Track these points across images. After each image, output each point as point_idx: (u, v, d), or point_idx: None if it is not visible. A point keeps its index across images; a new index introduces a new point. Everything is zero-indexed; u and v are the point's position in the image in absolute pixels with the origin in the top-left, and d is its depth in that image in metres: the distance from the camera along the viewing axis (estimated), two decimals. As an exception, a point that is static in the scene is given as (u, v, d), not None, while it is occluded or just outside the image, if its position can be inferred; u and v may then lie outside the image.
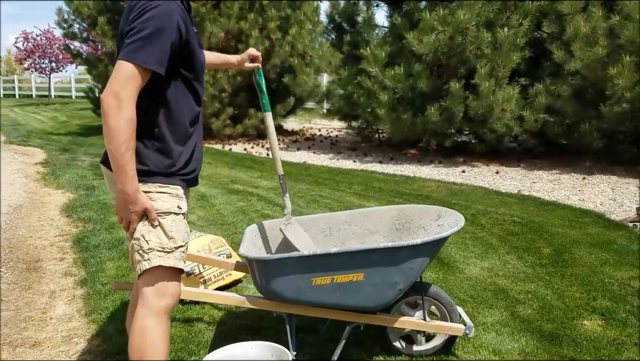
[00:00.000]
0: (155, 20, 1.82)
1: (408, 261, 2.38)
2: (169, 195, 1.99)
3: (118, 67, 1.81)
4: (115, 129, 1.78)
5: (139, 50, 1.80)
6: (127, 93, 1.79)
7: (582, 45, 7.65)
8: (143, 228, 1.94)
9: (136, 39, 1.81)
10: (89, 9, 11.79)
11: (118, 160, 1.81)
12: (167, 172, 1.99)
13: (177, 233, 1.99)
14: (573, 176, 7.69)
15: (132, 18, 1.85)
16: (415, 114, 8.77)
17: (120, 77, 1.79)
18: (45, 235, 4.87)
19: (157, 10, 1.84)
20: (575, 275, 3.85)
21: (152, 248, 1.95)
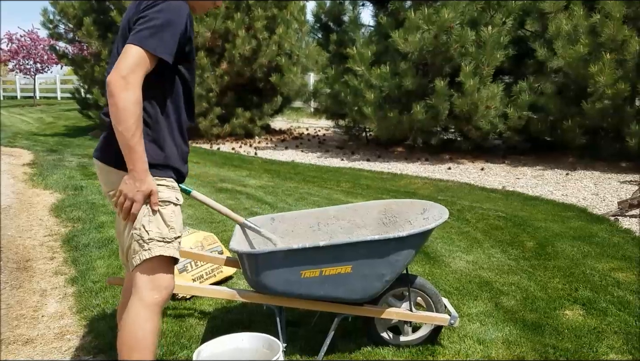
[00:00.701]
0: (167, 13, 1.88)
1: (394, 253, 2.46)
2: (166, 187, 2.02)
3: (127, 51, 1.84)
4: (125, 110, 1.81)
5: (150, 37, 1.85)
6: (135, 76, 1.83)
7: (564, 43, 7.79)
8: (143, 219, 1.97)
9: (148, 27, 1.85)
10: (75, 9, 11.74)
11: (129, 141, 1.84)
12: (162, 164, 2.02)
13: (177, 223, 2.03)
14: (556, 172, 7.83)
15: (143, 8, 1.90)
16: (402, 112, 8.86)
17: (129, 60, 1.82)
18: (34, 235, 4.88)
19: (169, 3, 1.90)
20: (557, 267, 3.95)
21: (153, 238, 1.97)
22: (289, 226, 2.96)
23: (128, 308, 2.01)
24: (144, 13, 1.89)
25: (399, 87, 8.81)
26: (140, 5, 1.93)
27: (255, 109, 11.87)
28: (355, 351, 2.74)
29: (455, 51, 8.45)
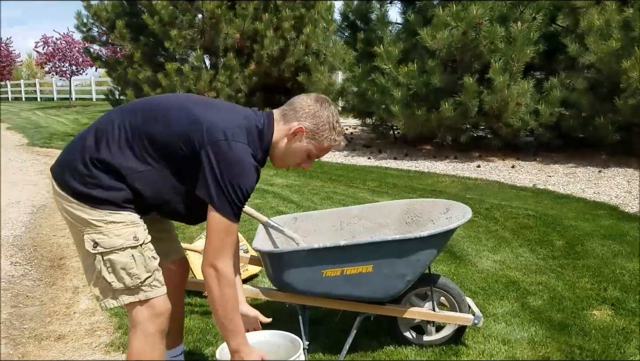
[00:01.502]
0: (244, 177, 1.85)
1: (416, 253, 2.46)
2: (122, 225, 1.87)
3: (213, 224, 1.85)
4: (221, 303, 1.87)
5: (228, 204, 1.83)
6: (223, 260, 1.86)
7: (596, 38, 7.62)
8: (103, 270, 1.86)
9: (226, 191, 1.82)
10: (107, 12, 12.00)
11: (228, 325, 1.89)
12: (116, 203, 1.87)
13: (139, 267, 1.89)
14: (589, 169, 7.67)
15: (216, 154, 1.82)
16: (430, 110, 8.80)
17: (215, 242, 1.86)
18: (68, 234, 5.01)
19: (244, 165, 1.86)
20: (586, 267, 3.88)
21: (117, 289, 1.88)
22: (312, 225, 2.98)
23: (130, 339, 1.97)
24: (219, 162, 1.82)
25: (426, 84, 8.75)
26: (215, 140, 1.83)
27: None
28: (378, 350, 2.75)
29: (485, 47, 8.35)
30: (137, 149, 1.86)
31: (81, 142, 1.90)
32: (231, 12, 11.14)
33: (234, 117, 1.94)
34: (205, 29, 11.22)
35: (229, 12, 11.09)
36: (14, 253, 4.47)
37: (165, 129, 1.87)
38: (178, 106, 1.96)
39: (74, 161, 1.87)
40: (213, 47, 11.39)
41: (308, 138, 2.00)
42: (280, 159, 2.06)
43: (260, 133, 1.97)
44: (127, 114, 1.93)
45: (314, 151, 2.05)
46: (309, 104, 2.00)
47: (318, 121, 1.99)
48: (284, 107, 2.04)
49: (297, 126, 1.98)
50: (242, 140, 1.87)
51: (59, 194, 1.90)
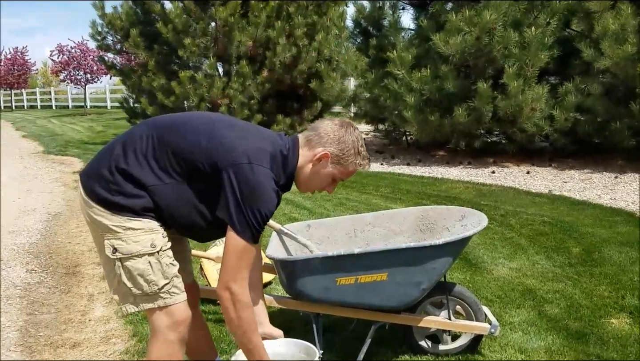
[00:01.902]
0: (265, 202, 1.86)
1: (431, 261, 2.44)
2: (141, 231, 1.89)
3: (230, 246, 1.86)
4: (238, 325, 1.89)
5: (247, 228, 1.84)
6: (239, 283, 1.87)
7: (611, 43, 7.55)
8: (122, 274, 1.90)
9: (246, 215, 1.84)
10: (122, 21, 12.11)
11: (247, 345, 1.93)
12: (136, 212, 1.90)
13: (156, 274, 1.91)
14: (605, 175, 7.58)
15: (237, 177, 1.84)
16: (443, 115, 8.76)
17: (231, 263, 1.87)
18: (83, 241, 5.06)
19: (265, 191, 1.87)
20: (604, 274, 3.83)
21: (137, 295, 1.92)
22: (326, 232, 2.97)
23: (150, 348, 2.00)
24: (241, 184, 1.83)
25: (440, 90, 8.72)
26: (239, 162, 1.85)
27: (295, 115, 11.94)
28: (393, 359, 2.73)
29: (498, 53, 8.31)
30: (161, 162, 1.89)
31: (109, 152, 1.95)
32: (244, 20, 11.19)
33: (259, 141, 1.95)
34: (218, 37, 11.28)
35: (242, 20, 11.14)
36: (29, 261, 4.51)
37: (191, 146, 1.90)
38: (206, 124, 1.98)
39: (101, 169, 1.92)
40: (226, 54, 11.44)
41: (333, 163, 2.02)
42: (304, 184, 2.08)
43: (285, 158, 1.98)
44: (155, 128, 1.97)
45: (339, 175, 2.07)
46: (334, 129, 2.02)
47: (343, 147, 2.01)
48: (308, 132, 2.05)
49: (322, 152, 2.00)
50: (265, 164, 1.88)
51: (84, 200, 1.95)
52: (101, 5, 12.29)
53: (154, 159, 1.89)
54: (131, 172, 1.88)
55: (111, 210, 1.88)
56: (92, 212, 1.92)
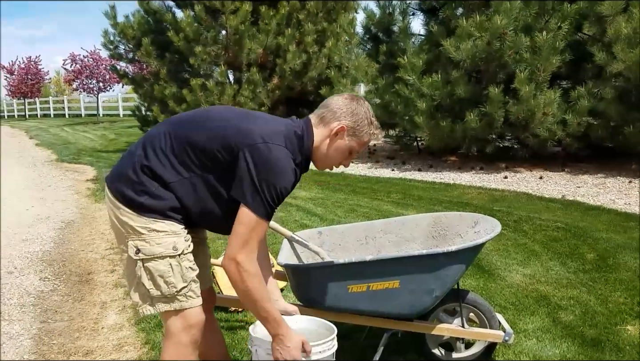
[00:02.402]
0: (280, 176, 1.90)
1: (444, 268, 2.41)
2: (164, 234, 1.94)
3: (240, 220, 1.88)
4: (246, 294, 1.91)
5: (261, 203, 1.87)
6: (246, 254, 1.88)
7: (623, 46, 7.49)
8: (143, 275, 1.94)
9: (259, 189, 1.87)
10: (134, 30, 12.23)
11: (260, 312, 1.94)
12: (160, 212, 1.94)
13: (175, 276, 1.95)
14: (619, 180, 7.51)
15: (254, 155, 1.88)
16: (455, 121, 8.73)
17: (239, 239, 1.88)
18: (96, 249, 5.08)
19: (284, 166, 1.91)
20: (619, 280, 3.78)
21: (154, 296, 1.95)
22: (337, 239, 2.96)
23: (163, 351, 2.04)
24: (257, 162, 1.87)
25: (451, 95, 8.70)
26: (256, 143, 1.89)
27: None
28: (406, 367, 2.71)
29: (510, 57, 8.28)
30: (181, 157, 1.94)
31: (131, 154, 2.01)
32: (254, 28, 11.26)
33: (272, 124, 2.01)
34: (229, 45, 11.35)
35: (252, 28, 11.21)
36: (43, 269, 4.54)
37: (206, 136, 1.95)
38: (219, 115, 2.05)
39: (125, 170, 1.97)
40: (237, 62, 11.51)
41: (349, 136, 2.07)
42: (322, 161, 2.12)
43: (300, 139, 2.02)
44: (172, 125, 2.04)
45: (356, 147, 2.11)
46: (345, 103, 2.07)
47: (357, 118, 2.06)
48: (319, 110, 2.10)
49: (338, 125, 2.04)
50: (281, 143, 1.93)
51: (111, 201, 2.00)
52: (113, 14, 12.42)
53: (173, 155, 1.95)
54: (154, 169, 1.93)
55: (137, 211, 1.93)
56: (119, 213, 1.96)
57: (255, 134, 1.91)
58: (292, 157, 1.95)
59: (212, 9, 11.11)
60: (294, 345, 1.94)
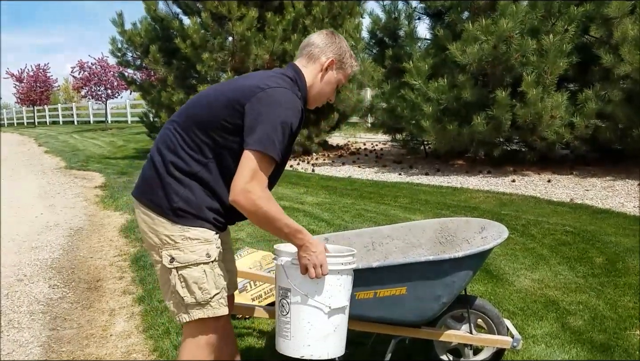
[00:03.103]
0: (285, 111, 1.96)
1: (451, 275, 2.41)
2: (197, 242, 2.00)
3: (245, 159, 1.91)
4: (263, 216, 1.94)
5: (265, 139, 1.91)
6: (255, 183, 1.91)
7: (631, 48, 7.46)
8: (177, 284, 2.01)
9: (263, 127, 1.92)
10: (141, 37, 12.31)
11: (283, 229, 1.98)
12: (195, 214, 2.00)
13: (209, 283, 2.02)
14: (628, 182, 7.46)
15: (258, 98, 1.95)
16: (461, 125, 8.71)
17: (245, 171, 1.91)
18: (105, 255, 5.11)
19: (287, 100, 1.98)
20: (628, 284, 3.75)
21: (189, 304, 2.01)
22: (344, 245, 2.96)
23: (181, 351, 2.09)
24: (260, 106, 1.93)
25: (457, 99, 8.68)
26: (257, 92, 1.95)
27: (312, 126, 11.99)
28: (414, 373, 2.70)
29: (516, 61, 8.26)
30: (194, 144, 2.00)
31: (151, 160, 2.07)
32: (260, 34, 11.30)
33: (264, 74, 2.09)
34: (235, 51, 11.40)
35: (259, 34, 11.25)
36: (52, 276, 4.57)
37: (209, 110, 2.01)
38: (212, 90, 2.11)
39: (150, 177, 2.04)
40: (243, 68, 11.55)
41: (337, 69, 2.18)
42: (314, 98, 2.21)
43: (294, 80, 2.10)
44: (175, 120, 2.09)
45: (342, 80, 2.23)
46: (328, 39, 2.18)
47: (340, 51, 2.18)
48: (304, 51, 2.18)
49: (327, 60, 2.15)
50: (280, 85, 2.00)
51: (143, 212, 2.05)
52: (120, 22, 12.51)
53: (187, 146, 2.00)
54: (177, 166, 1.99)
55: (171, 219, 1.98)
56: (152, 223, 2.02)
57: (252, 86, 1.98)
58: (294, 93, 2.02)
59: (218, 15, 11.16)
60: (320, 250, 2.01)
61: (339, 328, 2.13)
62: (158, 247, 2.02)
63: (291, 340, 2.09)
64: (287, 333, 2.10)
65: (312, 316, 2.07)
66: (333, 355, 2.13)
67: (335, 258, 2.10)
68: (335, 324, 2.11)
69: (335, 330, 2.11)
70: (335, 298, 2.09)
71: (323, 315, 2.08)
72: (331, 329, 2.10)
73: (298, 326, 2.07)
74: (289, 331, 2.09)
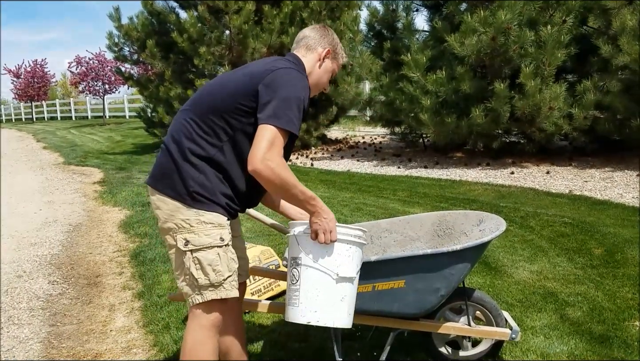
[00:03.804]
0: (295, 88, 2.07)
1: (449, 267, 2.41)
2: (211, 226, 2.08)
3: (261, 132, 1.98)
4: (281, 183, 1.98)
5: (281, 114, 2.00)
6: (272, 153, 1.97)
7: (629, 39, 7.44)
8: (192, 267, 2.08)
9: (277, 102, 2.01)
10: (138, 32, 12.25)
11: (299, 196, 2.04)
12: (209, 198, 2.09)
13: (223, 265, 2.11)
14: (627, 173, 7.46)
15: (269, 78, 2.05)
16: (460, 117, 8.70)
17: (263, 143, 1.97)
18: (104, 251, 5.11)
19: (296, 77, 2.10)
20: (627, 275, 3.76)
21: (202, 285, 2.09)
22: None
23: (187, 330, 2.14)
24: (273, 85, 2.03)
25: (456, 91, 8.67)
26: (268, 73, 2.06)
27: (311, 120, 11.98)
28: (413, 366, 2.71)
29: (514, 52, 8.23)
30: (209, 129, 2.08)
31: (166, 149, 2.14)
32: (258, 27, 11.26)
33: (272, 59, 2.20)
34: (233, 45, 11.36)
35: (256, 27, 11.21)
36: (51, 272, 4.57)
37: (223, 95, 2.10)
38: (226, 76, 2.21)
39: (167, 165, 2.12)
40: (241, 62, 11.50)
41: (332, 58, 2.33)
42: (314, 85, 2.31)
43: (295, 64, 2.21)
44: (188, 107, 2.18)
45: (336, 69, 2.37)
46: (321, 32, 2.33)
47: (334, 42, 2.34)
48: (300, 43, 2.31)
49: (324, 50, 2.29)
50: (288, 66, 2.13)
51: (159, 199, 2.12)
52: (117, 16, 12.45)
53: (202, 131, 2.08)
54: (193, 152, 2.07)
55: (187, 203, 2.07)
56: (168, 209, 2.09)
57: (263, 69, 2.09)
58: (300, 72, 2.16)
59: (215, 9, 11.11)
60: (331, 218, 2.09)
61: (346, 298, 2.17)
62: (173, 231, 2.10)
63: (299, 306, 2.13)
64: (295, 301, 2.15)
65: (320, 283, 2.12)
66: (340, 325, 2.17)
67: (346, 228, 2.17)
68: (342, 293, 2.16)
69: (342, 299, 2.16)
70: (343, 267, 2.15)
71: (331, 281, 2.13)
72: (338, 297, 2.15)
73: (306, 292, 2.13)
74: (298, 298, 2.14)
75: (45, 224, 6.29)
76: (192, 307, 2.13)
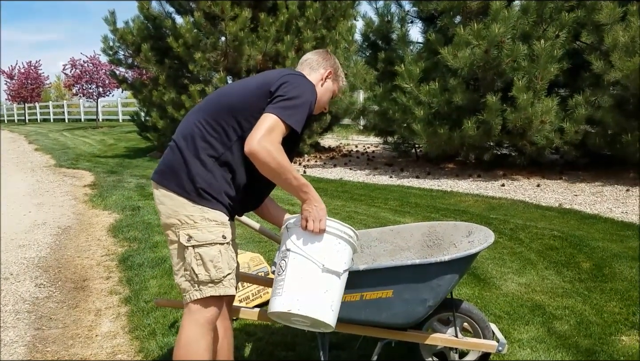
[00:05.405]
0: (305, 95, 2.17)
1: (437, 278, 2.42)
2: (214, 223, 2.13)
3: (263, 119, 2.07)
4: (276, 167, 2.04)
5: (286, 109, 2.09)
6: (269, 137, 2.05)
7: (621, 55, 7.51)
8: (192, 262, 2.12)
9: (285, 100, 2.11)
10: (133, 36, 12.24)
11: (292, 182, 2.10)
12: (214, 196, 2.13)
13: (224, 262, 2.15)
14: (616, 188, 7.51)
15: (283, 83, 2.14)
16: (452, 128, 8.74)
17: (262, 127, 2.06)
18: (92, 255, 5.08)
19: (308, 87, 2.20)
20: (614, 290, 3.78)
21: (202, 281, 2.12)
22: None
23: (181, 327, 2.16)
24: (284, 85, 2.13)
25: (448, 103, 8.71)
26: (282, 76, 2.17)
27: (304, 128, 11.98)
28: (399, 376, 2.70)
29: (507, 66, 8.30)
30: (220, 128, 2.14)
31: (175, 147, 2.18)
32: (254, 35, 11.28)
33: (284, 69, 2.33)
34: (228, 51, 11.38)
35: (252, 35, 11.23)
36: (39, 275, 4.53)
37: (239, 96, 2.18)
38: (242, 81, 2.31)
39: (175, 162, 2.15)
40: (236, 68, 11.53)
41: (333, 80, 2.43)
42: (317, 104, 2.35)
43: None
44: (200, 108, 2.24)
45: (336, 91, 2.47)
46: (322, 55, 2.43)
47: (335, 65, 2.44)
48: (303, 64, 2.42)
49: (326, 71, 2.40)
50: (300, 73, 2.25)
51: (163, 195, 2.16)
52: (112, 20, 12.43)
53: (213, 130, 2.14)
54: (204, 149, 2.12)
55: (192, 199, 2.11)
56: (173, 205, 2.13)
57: (277, 75, 2.19)
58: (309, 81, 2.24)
59: (211, 15, 11.13)
60: (322, 207, 2.15)
61: (329, 292, 2.17)
62: (176, 227, 2.13)
63: (282, 295, 2.14)
64: (279, 290, 2.16)
65: (305, 271, 2.15)
66: (321, 317, 2.15)
67: (337, 223, 2.21)
68: (326, 286, 2.17)
69: (326, 292, 2.16)
70: (330, 259, 2.17)
71: (316, 270, 2.15)
72: (322, 289, 2.16)
73: (290, 281, 2.14)
74: (282, 288, 2.15)
75: (34, 226, 6.24)
76: (189, 303, 2.15)
